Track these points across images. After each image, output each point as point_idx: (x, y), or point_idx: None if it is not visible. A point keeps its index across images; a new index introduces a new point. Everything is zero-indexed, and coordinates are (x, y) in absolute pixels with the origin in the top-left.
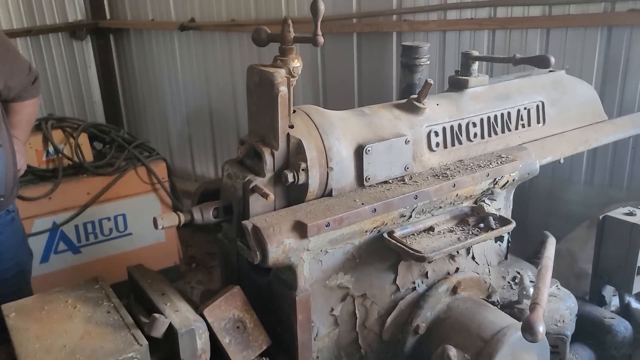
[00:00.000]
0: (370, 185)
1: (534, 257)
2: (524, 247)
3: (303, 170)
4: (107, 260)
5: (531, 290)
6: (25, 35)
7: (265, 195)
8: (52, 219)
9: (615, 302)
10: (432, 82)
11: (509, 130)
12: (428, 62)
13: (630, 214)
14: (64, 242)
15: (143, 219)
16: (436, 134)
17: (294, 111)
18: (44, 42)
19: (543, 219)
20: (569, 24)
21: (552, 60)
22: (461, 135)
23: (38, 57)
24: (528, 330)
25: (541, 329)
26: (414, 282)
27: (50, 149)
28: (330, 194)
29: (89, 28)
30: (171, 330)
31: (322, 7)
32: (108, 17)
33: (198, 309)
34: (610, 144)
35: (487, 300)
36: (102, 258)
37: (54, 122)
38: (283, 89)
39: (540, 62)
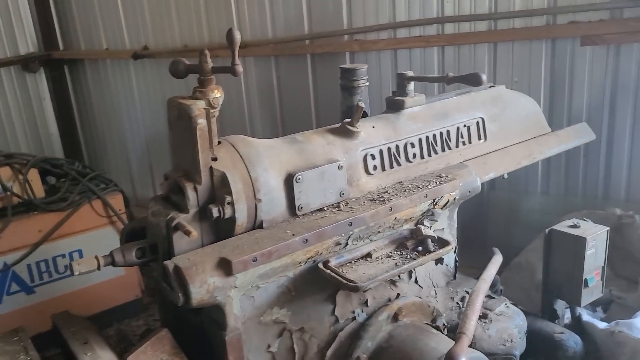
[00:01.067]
0: (304, 215)
1: None
2: (486, 260)
3: (229, 203)
4: (64, 299)
5: None
6: None
7: (187, 233)
8: (2, 259)
9: (569, 315)
10: (363, 105)
11: (450, 148)
12: (367, 84)
13: (575, 226)
14: (16, 283)
15: (100, 253)
16: (373, 157)
17: (220, 142)
18: None
19: (505, 230)
20: (514, 37)
21: (484, 77)
22: (399, 157)
23: None
24: None
25: None
26: (353, 312)
27: None
28: (261, 226)
29: (41, 60)
30: None
31: (237, 36)
32: (61, 47)
33: (123, 356)
34: (562, 154)
35: (432, 325)
36: (58, 297)
37: (1, 158)
38: (201, 121)
39: (473, 80)
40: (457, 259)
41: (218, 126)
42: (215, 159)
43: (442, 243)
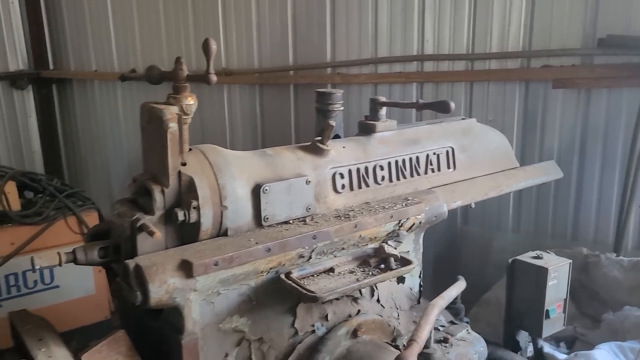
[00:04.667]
0: (269, 226)
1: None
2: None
3: (194, 208)
4: None
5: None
6: None
7: (151, 233)
8: None
9: (532, 349)
10: (334, 123)
11: (418, 174)
12: (342, 108)
13: (538, 257)
14: None
15: (72, 270)
16: (342, 176)
17: (190, 149)
18: None
19: (477, 265)
20: (490, 78)
21: (452, 105)
22: (368, 178)
23: None
24: None
25: None
26: (313, 325)
27: None
28: (226, 234)
29: (30, 78)
30: None
31: (213, 45)
32: (51, 67)
33: (78, 355)
34: (533, 193)
35: (391, 344)
36: None
37: None
38: (172, 125)
39: (441, 107)
40: (421, 283)
41: None
42: (184, 164)
43: (404, 262)
